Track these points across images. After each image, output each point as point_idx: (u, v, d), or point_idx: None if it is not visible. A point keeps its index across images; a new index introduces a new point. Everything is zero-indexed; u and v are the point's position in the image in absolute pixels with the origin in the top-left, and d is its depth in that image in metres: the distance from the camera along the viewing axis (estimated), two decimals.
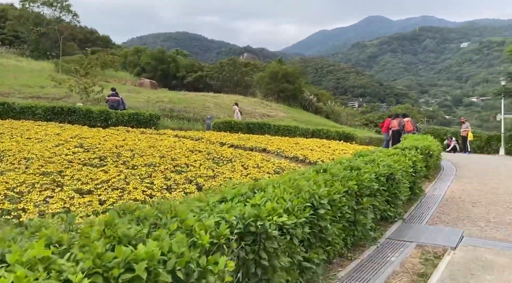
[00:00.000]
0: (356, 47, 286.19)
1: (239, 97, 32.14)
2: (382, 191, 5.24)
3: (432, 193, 7.63)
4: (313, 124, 27.98)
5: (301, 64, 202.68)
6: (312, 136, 15.80)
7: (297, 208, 3.31)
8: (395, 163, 6.07)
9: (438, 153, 10.18)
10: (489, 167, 11.45)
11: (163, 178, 5.80)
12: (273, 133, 15.60)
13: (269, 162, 8.18)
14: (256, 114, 27.00)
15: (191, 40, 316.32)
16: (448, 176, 9.68)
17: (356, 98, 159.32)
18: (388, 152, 7.04)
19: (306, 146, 11.31)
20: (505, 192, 7.66)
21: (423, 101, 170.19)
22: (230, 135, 12.59)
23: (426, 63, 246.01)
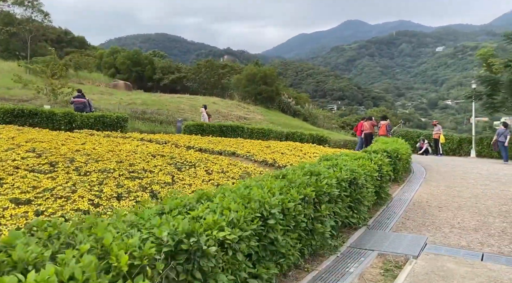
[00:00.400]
0: (335, 50, 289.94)
1: (216, 99, 31.79)
2: (344, 197, 5.03)
3: (400, 197, 7.51)
4: (290, 126, 27.91)
5: (281, 67, 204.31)
6: (286, 139, 15.62)
7: (243, 220, 3.04)
8: (359, 167, 5.90)
9: (407, 156, 10.13)
10: (458, 170, 11.49)
11: (115, 185, 5.43)
12: (246, 136, 15.33)
13: (236, 166, 7.90)
14: (232, 117, 26.70)
15: (171, 41, 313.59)
16: (417, 179, 9.62)
17: (335, 101, 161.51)
18: (354, 156, 6.88)
19: (277, 149, 11.08)
20: (471, 195, 7.62)
21: (400, 104, 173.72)
22: (200, 139, 12.25)
23: (402, 67, 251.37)
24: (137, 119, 19.55)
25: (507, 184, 9.05)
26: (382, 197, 6.80)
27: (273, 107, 36.87)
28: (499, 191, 8.11)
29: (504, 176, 10.35)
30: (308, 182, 4.39)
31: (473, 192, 7.92)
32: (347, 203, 5.17)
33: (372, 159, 6.81)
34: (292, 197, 3.84)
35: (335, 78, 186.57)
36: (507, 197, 7.49)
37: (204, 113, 18.17)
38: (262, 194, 3.57)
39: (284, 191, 3.92)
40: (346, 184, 5.12)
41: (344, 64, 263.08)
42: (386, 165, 7.06)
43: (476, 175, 10.45)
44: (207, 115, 18.05)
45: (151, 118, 19.97)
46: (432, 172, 10.80)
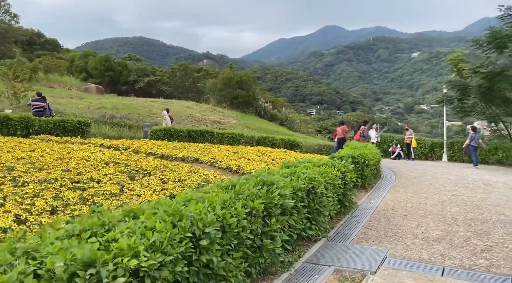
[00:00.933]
0: (314, 55, 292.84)
1: (190, 104, 31.22)
2: (300, 208, 4.71)
3: (365, 204, 7.25)
4: (265, 131, 27.63)
5: (260, 71, 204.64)
6: (258, 144, 15.29)
7: (167, 242, 2.64)
8: (320, 175, 5.59)
9: (376, 162, 9.94)
10: (427, 175, 11.40)
11: (52, 198, 4.93)
12: (217, 141, 14.91)
13: (196, 174, 7.48)
14: (206, 121, 26.21)
15: (149, 45, 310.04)
16: (386, 185, 9.43)
17: (314, 106, 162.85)
18: (318, 163, 6.58)
19: (245, 155, 10.72)
20: (438, 202, 7.44)
21: (377, 109, 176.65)
22: (165, 144, 11.76)
23: (379, 72, 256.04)
24: (105, 124, 18.82)
25: (474, 189, 8.96)
26: (346, 205, 6.52)
27: (250, 112, 36.54)
28: (465, 197, 7.97)
29: (472, 181, 10.30)
30: (258, 193, 4.03)
31: (440, 199, 7.75)
32: (304, 214, 4.84)
33: (335, 166, 6.53)
34: (236, 212, 3.48)
35: (314, 82, 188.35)
36: (473, 203, 7.34)
37: (166, 116, 17.61)
38: (200, 209, 3.19)
39: (227, 205, 3.55)
40: (303, 194, 4.80)
41: (322, 69, 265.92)
42: (350, 172, 6.79)
43: (444, 180, 10.35)
44: (169, 119, 17.50)
45: (120, 122, 19.27)
46: (402, 178, 10.66)
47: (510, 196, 8.24)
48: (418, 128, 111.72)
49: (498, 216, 6.39)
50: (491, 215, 6.42)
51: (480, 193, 8.51)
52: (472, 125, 17.75)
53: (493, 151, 17.06)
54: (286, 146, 15.24)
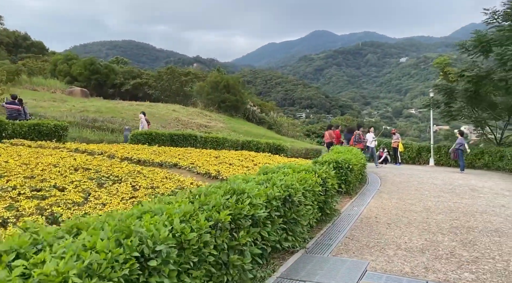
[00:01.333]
0: (303, 60, 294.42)
1: (176, 107, 30.76)
2: (275, 218, 4.37)
3: (348, 212, 6.95)
4: (252, 135, 27.32)
5: (250, 75, 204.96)
6: (242, 148, 14.95)
7: (107, 264, 2.27)
8: (298, 181, 5.27)
9: (361, 166, 9.68)
10: (413, 180, 11.18)
11: (5, 208, 4.51)
12: (200, 145, 14.53)
13: (171, 180, 7.10)
14: (193, 125, 25.79)
15: (139, 49, 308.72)
16: (371, 191, 9.16)
17: (303, 109, 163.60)
18: (298, 168, 6.27)
19: (227, 160, 10.37)
20: (423, 209, 7.18)
21: (366, 113, 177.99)
22: (144, 149, 11.34)
23: (368, 77, 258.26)
24: (87, 128, 18.29)
25: (460, 195, 8.74)
26: (327, 213, 6.21)
27: (238, 115, 36.22)
28: (451, 203, 7.73)
29: (458, 186, 10.10)
30: (226, 203, 3.69)
31: (426, 205, 7.50)
32: (280, 225, 4.50)
33: (316, 171, 6.22)
34: (198, 225, 3.12)
35: (304, 86, 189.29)
36: (459, 210, 7.09)
37: (142, 119, 16.86)
38: (155, 223, 2.84)
39: (188, 218, 3.19)
40: (278, 203, 4.47)
41: (312, 73, 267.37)
42: (332, 178, 6.49)
43: (431, 186, 10.13)
44: (145, 122, 16.77)
45: (102, 126, 18.75)
46: (387, 183, 10.41)
47: (496, 202, 8.03)
48: (406, 132, 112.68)
49: (485, 223, 6.14)
50: (477, 223, 6.18)
51: (466, 199, 8.29)
52: (460, 130, 17.66)
53: (480, 155, 16.98)
54: (271, 150, 14.93)
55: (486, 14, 15.54)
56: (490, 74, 14.70)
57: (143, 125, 16.42)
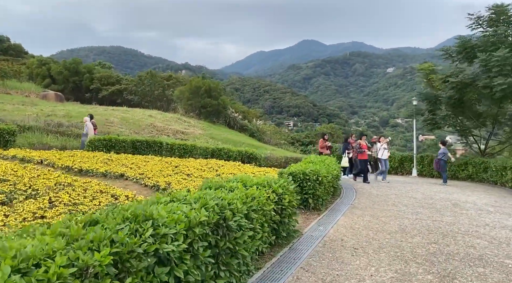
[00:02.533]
0: (292, 68, 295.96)
1: (153, 112, 29.58)
2: (199, 251, 3.35)
3: (312, 233, 5.97)
4: (232, 142, 26.30)
5: (239, 82, 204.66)
6: (212, 157, 13.91)
7: None
8: (244, 199, 4.28)
9: (333, 178, 8.74)
10: (392, 193, 10.29)
11: None
12: (166, 153, 13.45)
13: (105, 194, 6.04)
14: (168, 131, 24.65)
15: (127, 55, 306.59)
16: (343, 205, 8.22)
17: (291, 118, 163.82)
18: (251, 182, 5.29)
19: (186, 169, 9.33)
20: (398, 229, 6.24)
21: (353, 122, 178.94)
22: (95, 156, 10.22)
23: (356, 86, 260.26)
24: (50, 133, 17.05)
25: (441, 211, 7.85)
26: (283, 237, 5.22)
27: (219, 122, 35.16)
28: (430, 222, 6.82)
29: (439, 201, 9.23)
30: (115, 237, 2.66)
31: (401, 224, 6.57)
32: (206, 259, 3.49)
33: (271, 186, 5.24)
34: (46, 276, 2.11)
35: (292, 95, 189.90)
36: (438, 230, 6.18)
37: (88, 123, 14.74)
38: None
39: (28, 266, 2.16)
40: (206, 230, 3.46)
41: (300, 82, 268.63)
42: (291, 194, 5.51)
43: (409, 200, 9.24)
44: (92, 126, 14.81)
45: (67, 131, 17.51)
46: (363, 196, 9.49)
47: (479, 220, 7.15)
48: (393, 142, 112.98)
49: (467, 249, 5.23)
50: (458, 247, 5.26)
51: (447, 216, 7.40)
52: (442, 139, 16.92)
53: (463, 166, 16.25)
54: (243, 159, 13.94)
55: (470, 19, 14.95)
56: (474, 80, 14.04)
57: (87, 129, 14.40)
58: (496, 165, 14.32)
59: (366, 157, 13.19)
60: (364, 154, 13.13)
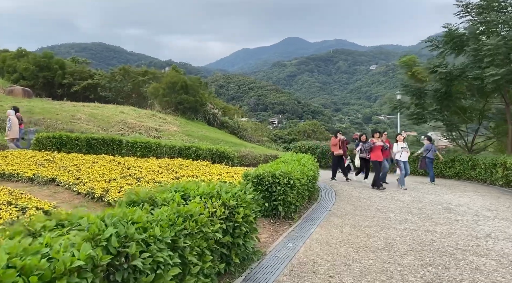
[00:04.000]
0: (277, 66, 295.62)
1: (126, 109, 27.94)
2: None
3: (278, 252, 4.75)
4: (210, 140, 24.97)
5: (223, 80, 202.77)
6: (179, 155, 12.59)
7: None
8: (172, 221, 3.03)
9: (308, 180, 7.54)
10: (375, 196, 9.18)
11: None
12: (126, 152, 12.06)
13: (11, 206, 4.68)
14: (141, 128, 23.13)
15: (109, 51, 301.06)
16: (319, 212, 7.03)
17: (276, 115, 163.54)
18: (195, 191, 4.04)
19: (139, 172, 8.01)
20: (385, 244, 5.08)
21: (337, 119, 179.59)
22: (33, 156, 8.78)
23: (339, 83, 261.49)
24: (2, 130, 15.43)
25: (433, 218, 6.75)
26: (235, 263, 3.98)
27: (198, 119, 33.67)
28: (422, 233, 5.70)
29: (429, 204, 8.15)
30: None
31: (388, 237, 5.42)
32: None
33: (221, 196, 4.00)
34: None
35: (276, 92, 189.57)
36: (433, 245, 5.05)
37: (11, 117, 12.37)
38: None
39: None
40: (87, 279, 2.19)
41: (285, 79, 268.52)
42: (248, 206, 4.27)
43: (396, 203, 8.14)
44: (16, 121, 12.41)
45: None
46: (343, 200, 8.33)
47: (478, 228, 6.08)
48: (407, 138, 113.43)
49: (472, 273, 4.09)
50: (461, 271, 4.13)
51: (440, 224, 6.30)
52: (427, 135, 15.97)
53: (450, 163, 15.34)
54: (214, 158, 12.66)
55: (458, 6, 13.96)
56: (464, 71, 13.06)
57: (10, 124, 12.14)
58: (485, 162, 13.41)
59: (381, 158, 10.89)
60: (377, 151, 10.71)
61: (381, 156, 10.82)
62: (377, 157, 10.80)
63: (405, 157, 11.37)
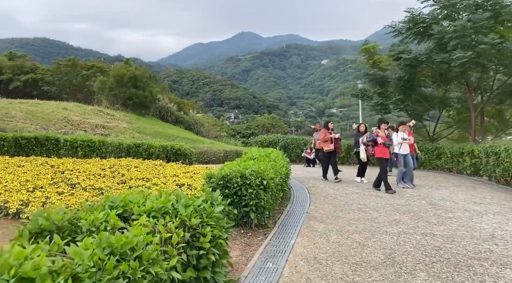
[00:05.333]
0: (231, 61, 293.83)
1: (69, 105, 25.48)
2: None
3: (255, 275, 3.64)
4: (164, 136, 23.32)
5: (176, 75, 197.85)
6: (128, 154, 11.11)
7: None
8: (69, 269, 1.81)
9: (282, 178, 6.50)
10: (352, 192, 8.33)
11: None
12: (67, 152, 10.39)
13: None
14: (86, 125, 21.03)
15: (53, 47, 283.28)
16: (296, 216, 6.00)
17: (232, 110, 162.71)
18: (139, 208, 2.81)
19: (74, 177, 6.55)
20: (385, 256, 4.13)
21: (292, 113, 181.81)
22: None
23: (293, 78, 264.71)
24: None
25: (423, 217, 5.95)
26: None
27: (150, 114, 31.67)
28: (421, 237, 4.84)
29: (411, 199, 7.42)
30: None
31: (384, 246, 4.49)
32: None
33: (179, 213, 2.80)
34: None
35: (232, 87, 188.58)
36: (440, 254, 4.18)
37: None
38: None
39: None
40: None
41: (240, 74, 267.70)
42: (216, 225, 3.10)
43: (377, 200, 7.31)
44: None
45: None
46: (318, 199, 7.38)
47: (477, 227, 5.35)
48: None
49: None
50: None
51: (434, 224, 5.50)
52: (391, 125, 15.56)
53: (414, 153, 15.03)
54: (169, 156, 11.29)
55: None
56: (430, 56, 12.64)
57: None
58: (452, 151, 13.14)
59: (388, 154, 8.86)
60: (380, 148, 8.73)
61: (387, 152, 8.82)
62: (383, 154, 8.74)
63: (405, 149, 9.26)
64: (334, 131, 10.46)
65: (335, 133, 10.23)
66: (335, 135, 10.06)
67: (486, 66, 12.51)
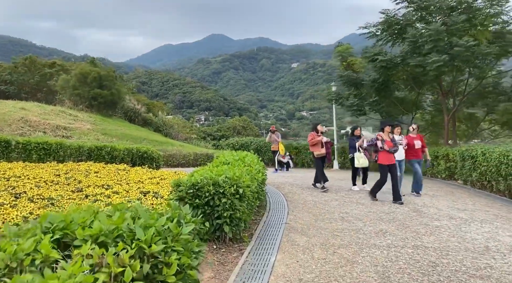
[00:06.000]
0: (201, 63, 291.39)
1: (28, 105, 23.86)
2: None
3: None
4: (131, 138, 22.27)
5: (145, 76, 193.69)
6: (89, 158, 10.22)
7: None
8: None
9: (258, 185, 5.93)
10: (331, 199, 7.89)
11: None
12: (19, 156, 9.37)
13: None
14: (46, 127, 19.67)
15: (14, 45, 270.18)
16: (274, 229, 5.45)
17: (202, 112, 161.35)
18: (83, 231, 2.15)
19: (21, 184, 5.71)
20: (380, 277, 3.64)
21: (263, 115, 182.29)
22: None
23: (264, 81, 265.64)
24: None
25: (409, 226, 5.56)
26: None
27: (116, 115, 30.33)
28: (412, 250, 4.40)
29: (394, 205, 7.05)
30: None
31: (376, 263, 4.01)
32: None
33: (135, 237, 2.17)
34: None
35: (202, 89, 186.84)
36: (437, 271, 3.75)
37: None
38: None
39: None
40: None
41: (210, 76, 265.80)
42: (185, 250, 2.48)
43: (358, 207, 6.89)
44: None
45: None
46: (297, 207, 6.87)
47: (467, 237, 4.99)
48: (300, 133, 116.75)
49: None
50: None
51: (423, 235, 5.11)
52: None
53: None
54: (135, 160, 10.49)
55: None
56: (404, 59, 12.51)
57: None
58: None
59: (394, 160, 7.82)
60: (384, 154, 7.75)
61: (392, 158, 7.81)
62: (387, 160, 7.74)
63: (401, 154, 8.36)
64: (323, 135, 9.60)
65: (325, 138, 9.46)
66: (324, 139, 9.31)
67: (461, 68, 12.55)
